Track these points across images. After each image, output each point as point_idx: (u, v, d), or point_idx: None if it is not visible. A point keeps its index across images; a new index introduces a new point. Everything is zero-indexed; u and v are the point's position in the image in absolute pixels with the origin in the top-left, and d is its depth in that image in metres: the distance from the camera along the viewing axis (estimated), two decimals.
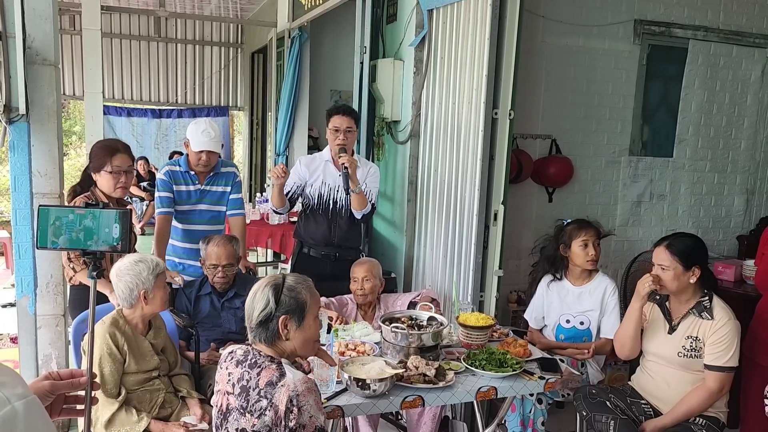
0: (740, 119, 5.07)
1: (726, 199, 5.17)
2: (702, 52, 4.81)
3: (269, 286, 1.90)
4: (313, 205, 3.56)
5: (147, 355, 2.58)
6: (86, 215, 1.59)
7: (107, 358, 2.45)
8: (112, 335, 2.48)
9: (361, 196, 3.40)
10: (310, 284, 1.95)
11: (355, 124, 3.51)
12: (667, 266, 2.62)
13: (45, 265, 3.29)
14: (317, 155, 3.67)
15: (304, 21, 6.04)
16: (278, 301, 1.87)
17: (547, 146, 4.55)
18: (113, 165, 2.96)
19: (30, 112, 3.11)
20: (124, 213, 1.61)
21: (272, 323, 1.87)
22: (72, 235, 1.58)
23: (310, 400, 1.75)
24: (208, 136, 3.43)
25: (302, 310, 1.89)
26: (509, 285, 4.42)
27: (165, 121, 10.48)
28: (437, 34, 3.77)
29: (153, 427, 2.46)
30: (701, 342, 2.60)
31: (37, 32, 3.10)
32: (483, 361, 2.50)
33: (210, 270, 3.17)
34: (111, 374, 2.46)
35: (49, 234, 1.58)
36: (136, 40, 10.20)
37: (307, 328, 1.90)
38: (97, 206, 1.60)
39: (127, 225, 1.62)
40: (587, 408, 2.69)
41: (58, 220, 1.57)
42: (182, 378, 2.73)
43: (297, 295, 1.89)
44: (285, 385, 1.75)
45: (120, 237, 1.60)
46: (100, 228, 1.59)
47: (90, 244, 1.60)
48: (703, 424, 2.59)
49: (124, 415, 2.43)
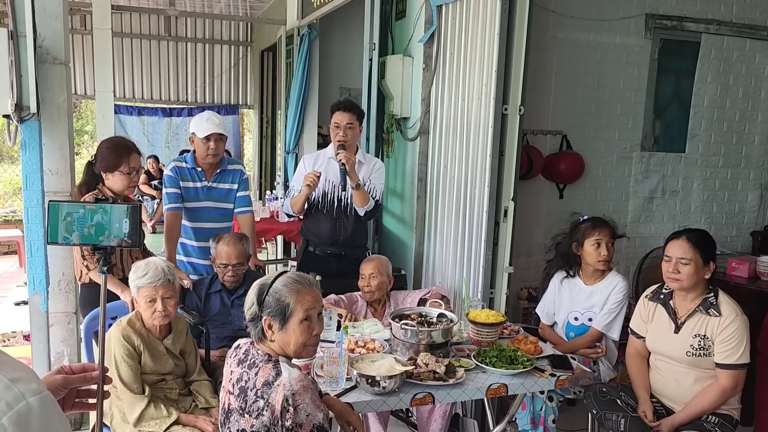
0: (754, 114, 5.01)
1: (739, 195, 5.12)
2: (715, 46, 4.76)
3: (257, 286, 1.91)
4: (317, 204, 3.56)
5: (162, 358, 2.57)
6: (96, 210, 1.59)
7: (123, 359, 2.45)
8: (126, 337, 2.48)
9: (362, 192, 3.40)
10: (301, 287, 1.87)
11: (358, 119, 3.48)
12: (689, 259, 2.57)
13: (57, 262, 3.31)
14: (321, 152, 3.67)
15: (313, 18, 6.04)
16: (261, 303, 1.87)
17: (557, 142, 4.52)
18: (130, 166, 2.97)
19: (41, 111, 3.14)
20: (134, 207, 1.62)
21: (258, 323, 1.87)
22: (84, 230, 1.59)
23: (306, 398, 1.73)
24: (213, 123, 3.44)
25: (284, 313, 1.84)
26: (519, 282, 4.40)
27: (175, 120, 10.53)
28: (446, 30, 3.75)
29: (183, 419, 2.47)
30: (710, 340, 2.56)
31: (47, 31, 3.12)
32: (493, 358, 2.49)
33: (220, 269, 3.18)
34: (129, 374, 2.45)
35: (61, 230, 1.58)
36: (147, 40, 10.24)
37: (291, 332, 1.85)
38: (107, 201, 1.61)
39: (137, 220, 1.62)
40: (597, 406, 2.67)
41: (69, 215, 1.58)
42: (203, 384, 2.68)
43: (280, 297, 1.85)
44: (281, 385, 1.74)
45: (130, 231, 1.60)
46: (111, 223, 1.59)
47: (101, 239, 1.60)
48: (716, 422, 2.56)
49: (153, 410, 2.44)
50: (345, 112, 3.44)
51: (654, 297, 2.79)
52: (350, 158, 3.34)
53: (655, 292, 2.80)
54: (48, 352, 3.37)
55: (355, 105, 3.54)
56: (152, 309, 2.50)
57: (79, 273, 3.05)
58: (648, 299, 2.81)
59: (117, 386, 2.46)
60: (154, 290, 2.49)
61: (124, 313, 2.89)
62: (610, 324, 3.07)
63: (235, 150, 10.33)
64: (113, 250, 1.63)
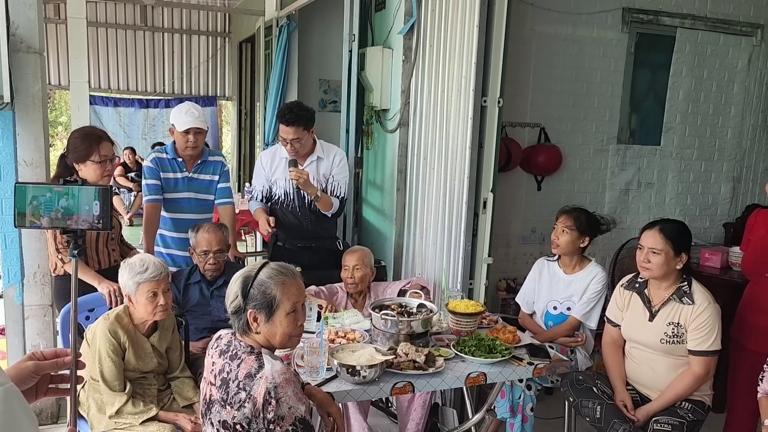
0: (727, 107, 5.11)
1: (713, 187, 5.22)
2: (689, 40, 4.83)
3: (240, 277, 1.87)
4: (281, 203, 3.53)
5: (147, 357, 2.55)
6: (65, 192, 1.53)
7: (108, 355, 2.43)
8: (112, 332, 2.45)
9: (323, 199, 3.37)
10: (286, 279, 1.86)
11: (305, 129, 3.31)
12: (659, 250, 2.63)
13: (32, 255, 3.26)
14: (277, 151, 3.55)
15: (292, 9, 6.00)
16: (246, 295, 1.83)
17: (535, 135, 4.56)
18: (101, 154, 2.92)
19: (15, 101, 3.08)
20: (105, 189, 1.55)
21: (242, 315, 1.84)
22: (52, 214, 1.54)
23: (289, 391, 1.72)
24: (193, 116, 3.40)
25: (270, 306, 1.83)
26: (498, 273, 4.45)
27: (152, 111, 10.40)
28: (426, 21, 3.76)
29: (162, 416, 2.46)
30: (683, 328, 2.62)
31: (21, 19, 3.06)
32: (472, 347, 2.52)
33: (201, 257, 3.16)
34: (112, 371, 2.43)
35: (28, 214, 1.53)
36: (122, 29, 10.09)
37: (277, 324, 1.84)
38: (75, 183, 1.55)
39: (107, 202, 1.56)
40: (574, 394, 2.72)
41: (35, 199, 1.52)
42: (185, 382, 2.64)
43: (266, 289, 1.83)
44: (263, 377, 1.73)
45: (100, 214, 1.56)
46: (80, 205, 1.53)
47: (70, 223, 1.55)
48: (689, 408, 2.62)
49: (132, 406, 2.43)
50: (289, 126, 3.27)
51: (629, 285, 2.84)
52: (301, 175, 3.25)
53: (631, 280, 2.85)
54: (23, 346, 3.33)
55: (300, 115, 3.29)
56: (154, 303, 2.47)
57: (53, 265, 3.00)
58: (623, 288, 2.86)
59: (98, 380, 2.44)
60: (156, 284, 2.47)
61: (101, 304, 2.87)
62: (588, 313, 3.12)
63: (213, 142, 10.24)
64: (83, 233, 1.58)
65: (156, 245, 3.56)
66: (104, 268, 3.04)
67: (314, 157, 3.49)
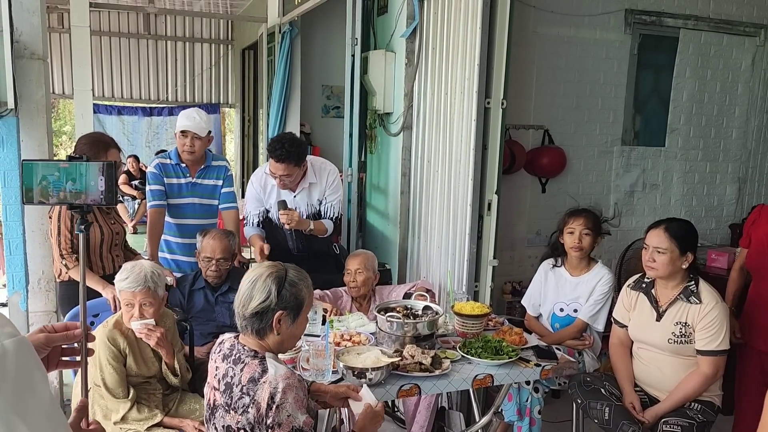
0: (731, 108, 5.09)
1: (718, 188, 5.19)
2: (693, 41, 4.83)
3: (272, 276, 1.81)
4: (272, 223, 3.48)
5: (148, 362, 2.54)
6: (71, 168, 1.56)
7: (108, 363, 2.41)
8: (111, 339, 2.44)
9: (317, 227, 3.35)
10: (309, 282, 1.90)
11: (296, 165, 3.22)
12: (665, 249, 2.61)
13: (36, 261, 3.27)
14: (266, 178, 3.44)
15: (294, 16, 6.01)
16: (279, 295, 1.79)
17: (539, 136, 4.55)
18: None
19: (19, 107, 3.09)
20: (110, 164, 1.57)
21: (267, 316, 1.79)
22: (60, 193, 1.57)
23: (289, 398, 1.69)
24: (192, 120, 3.40)
25: (299, 308, 1.84)
26: (503, 276, 4.43)
27: (156, 119, 10.43)
28: (428, 24, 3.76)
29: (167, 422, 2.45)
30: (691, 327, 2.59)
31: (24, 26, 3.07)
32: (479, 349, 2.50)
33: (204, 263, 3.16)
34: (113, 379, 2.42)
35: (36, 194, 1.56)
36: (126, 38, 10.12)
37: (299, 326, 1.87)
38: (81, 159, 1.57)
39: (112, 177, 1.58)
40: (582, 396, 2.69)
41: (44, 179, 1.55)
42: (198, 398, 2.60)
43: (298, 292, 1.83)
44: (267, 381, 1.71)
45: (105, 189, 1.57)
46: (86, 182, 1.56)
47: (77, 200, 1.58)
48: (699, 409, 2.59)
49: (137, 413, 2.42)
50: (279, 162, 3.18)
51: (636, 286, 2.82)
52: (293, 218, 3.22)
53: (638, 281, 2.83)
54: None
55: (291, 152, 3.19)
56: (129, 314, 2.43)
57: (57, 271, 3.01)
58: (630, 288, 2.84)
59: (101, 387, 2.42)
60: (132, 295, 2.40)
61: (105, 309, 2.86)
62: (595, 315, 3.10)
63: (216, 149, 10.24)
64: (90, 208, 1.61)
65: (161, 251, 3.55)
66: (108, 273, 3.03)
67: (305, 184, 3.43)
